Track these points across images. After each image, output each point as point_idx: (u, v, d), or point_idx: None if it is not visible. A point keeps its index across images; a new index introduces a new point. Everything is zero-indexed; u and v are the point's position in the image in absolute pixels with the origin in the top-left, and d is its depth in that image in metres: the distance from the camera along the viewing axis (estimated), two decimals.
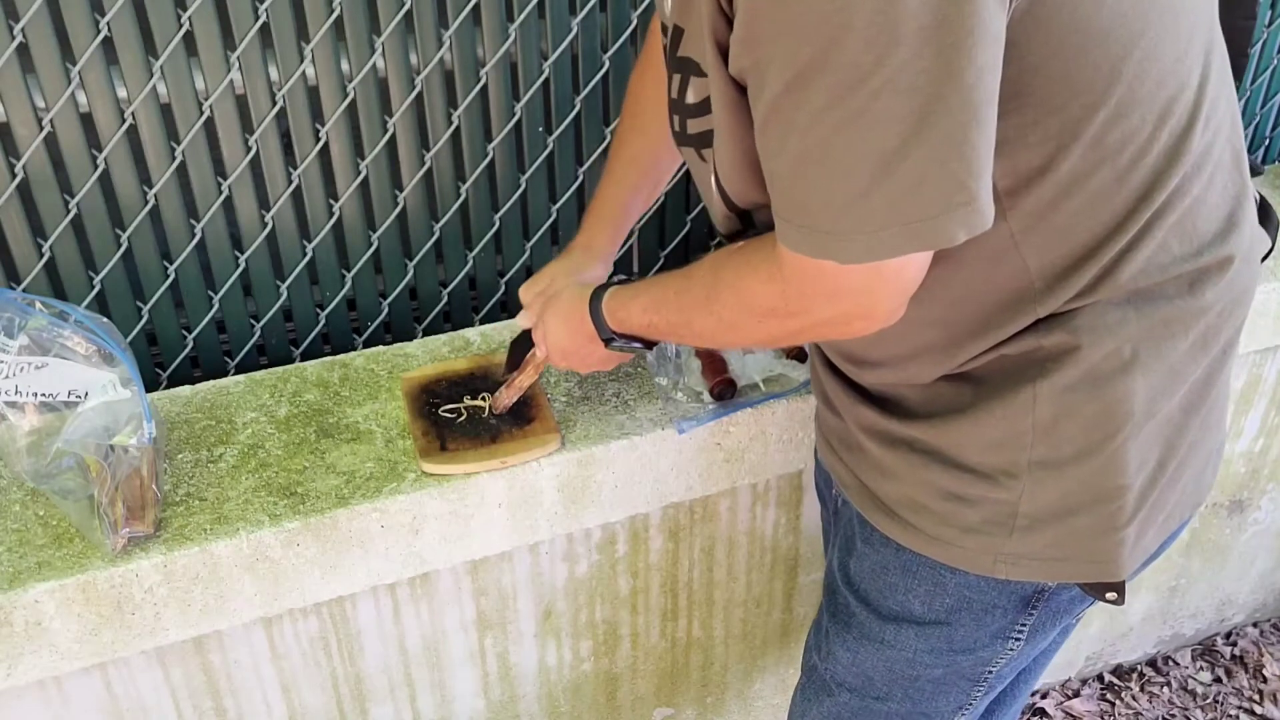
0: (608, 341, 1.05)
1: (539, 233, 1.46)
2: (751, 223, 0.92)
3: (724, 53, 0.76)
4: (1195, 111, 0.82)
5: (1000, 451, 0.89)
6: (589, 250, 1.20)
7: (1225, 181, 0.88)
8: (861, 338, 0.94)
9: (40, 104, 1.15)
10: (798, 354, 1.32)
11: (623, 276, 1.09)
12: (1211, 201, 0.86)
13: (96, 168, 1.20)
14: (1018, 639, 1.03)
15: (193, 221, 1.28)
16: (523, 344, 1.20)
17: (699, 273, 0.93)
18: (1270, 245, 0.97)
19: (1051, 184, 0.79)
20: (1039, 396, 0.86)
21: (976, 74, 0.67)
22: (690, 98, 0.87)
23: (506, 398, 1.20)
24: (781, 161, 0.74)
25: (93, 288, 1.27)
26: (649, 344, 1.06)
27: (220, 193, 1.26)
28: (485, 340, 1.37)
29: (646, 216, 1.22)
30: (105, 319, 1.12)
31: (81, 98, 1.16)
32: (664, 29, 0.91)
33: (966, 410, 0.90)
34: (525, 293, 1.21)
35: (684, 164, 1.24)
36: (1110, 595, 0.94)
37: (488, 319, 1.49)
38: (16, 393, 1.06)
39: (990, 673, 1.07)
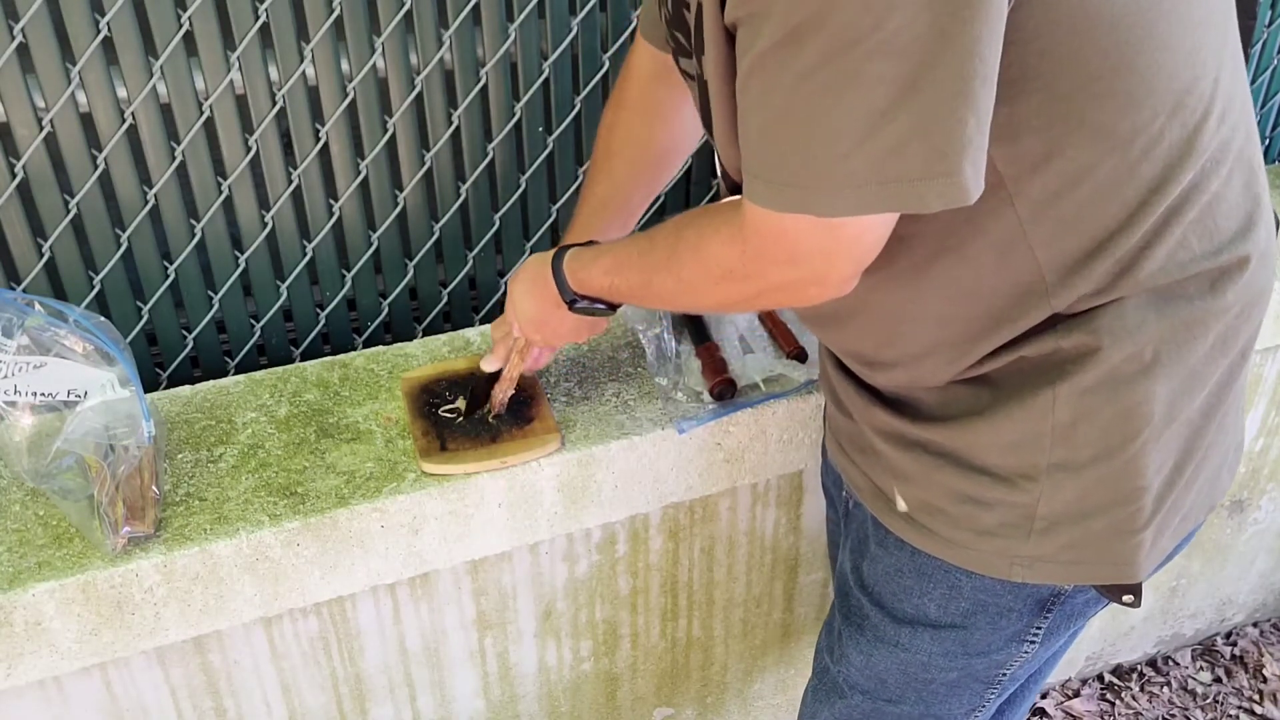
0: (571, 304, 1.04)
1: (539, 233, 1.46)
2: None
3: (722, 6, 0.76)
4: (1210, 106, 0.81)
5: (1018, 454, 0.89)
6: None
7: (1246, 179, 0.87)
8: (873, 337, 0.94)
9: (40, 104, 1.15)
10: (798, 354, 1.32)
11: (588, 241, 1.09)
12: (1232, 199, 0.86)
13: (96, 168, 1.20)
14: (1033, 642, 1.02)
15: (193, 221, 1.28)
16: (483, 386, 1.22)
17: (661, 234, 0.93)
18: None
19: (1058, 172, 0.78)
20: (1058, 399, 0.86)
21: (971, 46, 0.66)
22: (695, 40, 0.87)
23: (501, 393, 1.20)
24: (761, 116, 0.73)
25: (93, 288, 1.27)
26: (613, 307, 1.05)
27: (220, 193, 1.26)
28: (485, 340, 1.37)
29: (647, 216, 1.23)
30: (104, 319, 1.12)
31: (81, 98, 1.16)
32: None
33: (984, 412, 0.89)
34: (495, 330, 1.22)
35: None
36: (1127, 598, 0.94)
37: (488, 319, 1.49)
38: (15, 392, 1.06)
39: (1004, 675, 1.07)
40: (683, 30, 0.88)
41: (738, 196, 0.81)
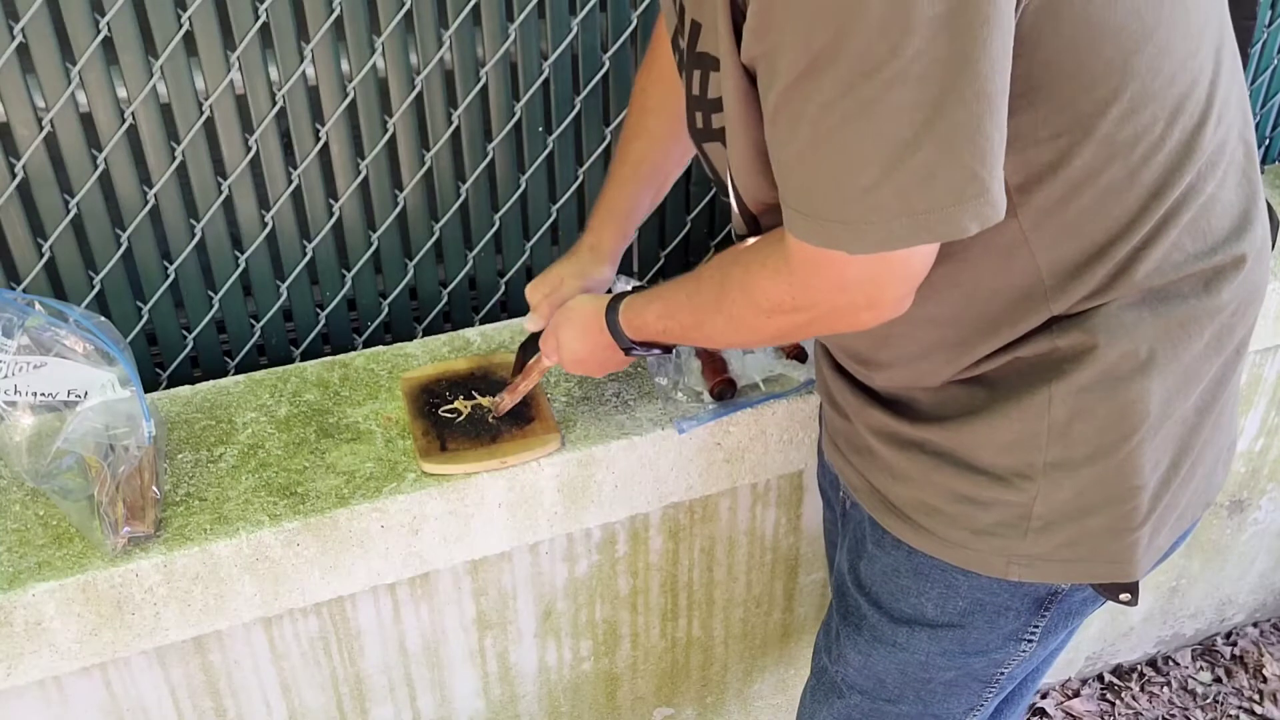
0: (627, 351, 1.06)
1: (539, 233, 1.46)
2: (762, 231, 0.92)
3: (738, 42, 0.76)
4: (1208, 108, 0.81)
5: (1014, 453, 0.89)
6: (596, 250, 1.20)
7: (1239, 179, 0.88)
8: (870, 337, 0.94)
9: (40, 104, 1.15)
10: (798, 354, 1.32)
11: (637, 284, 1.09)
12: (1226, 199, 0.86)
13: (96, 168, 1.20)
14: (1030, 640, 1.03)
15: (193, 221, 1.27)
16: (530, 347, 1.20)
17: (707, 274, 0.93)
18: (1271, 245, 0.97)
19: (1063, 180, 0.79)
20: (1054, 398, 0.86)
21: (990, 63, 0.66)
22: (710, 93, 0.87)
23: (508, 401, 1.20)
24: (791, 150, 0.73)
25: (93, 288, 1.27)
26: (667, 349, 1.06)
27: (220, 193, 1.26)
28: (485, 340, 1.37)
29: (647, 216, 1.23)
30: (104, 319, 1.12)
31: (81, 98, 1.16)
32: (680, 28, 0.90)
33: (980, 412, 0.89)
34: (533, 293, 1.21)
35: (689, 163, 1.24)
36: (1124, 596, 0.94)
37: (488, 319, 1.49)
38: (16, 392, 1.06)
39: (1002, 674, 1.07)
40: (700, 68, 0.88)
41: (777, 230, 0.80)
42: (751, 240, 0.89)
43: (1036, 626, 1.01)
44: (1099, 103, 0.76)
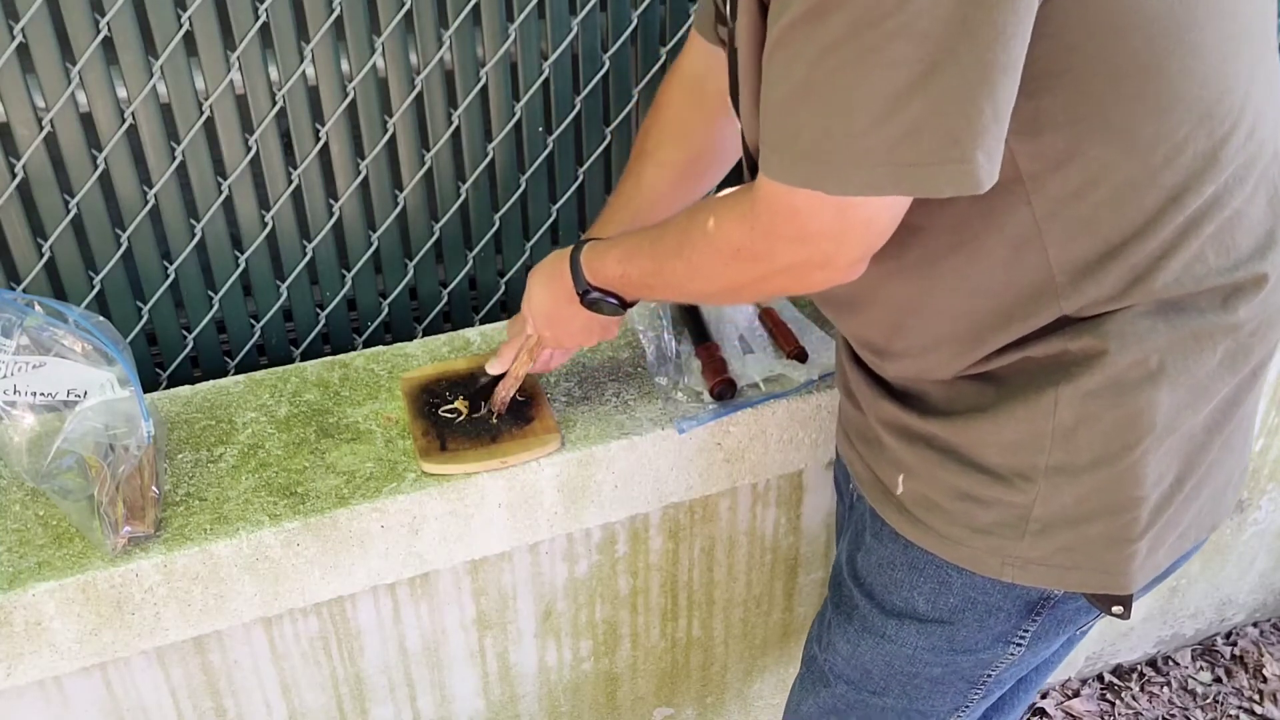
0: (584, 295, 1.04)
1: (539, 233, 1.46)
2: None
3: None
4: (1238, 119, 0.81)
5: (1018, 454, 0.89)
6: None
7: (1269, 198, 0.86)
8: (884, 326, 0.94)
9: (40, 104, 1.15)
10: (798, 354, 1.32)
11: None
12: (1253, 216, 0.85)
13: (96, 168, 1.20)
14: (1019, 644, 1.03)
15: (193, 221, 1.28)
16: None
17: (674, 221, 0.93)
18: None
19: (1078, 171, 0.78)
20: (1060, 400, 0.85)
21: (995, 35, 0.66)
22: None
23: (505, 391, 1.20)
24: (783, 88, 0.73)
25: (93, 288, 1.27)
26: (624, 305, 1.05)
27: (220, 193, 1.26)
28: (485, 340, 1.37)
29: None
30: (103, 319, 1.12)
31: (81, 98, 1.16)
32: None
33: (988, 410, 0.89)
34: (511, 328, 1.22)
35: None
36: (1116, 609, 0.94)
37: (488, 319, 1.49)
38: (15, 392, 1.06)
39: (989, 676, 1.07)
40: None
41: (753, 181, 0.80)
42: (728, 190, 0.89)
43: (1026, 630, 1.01)
44: (1122, 96, 0.75)
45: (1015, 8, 0.66)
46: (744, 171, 0.94)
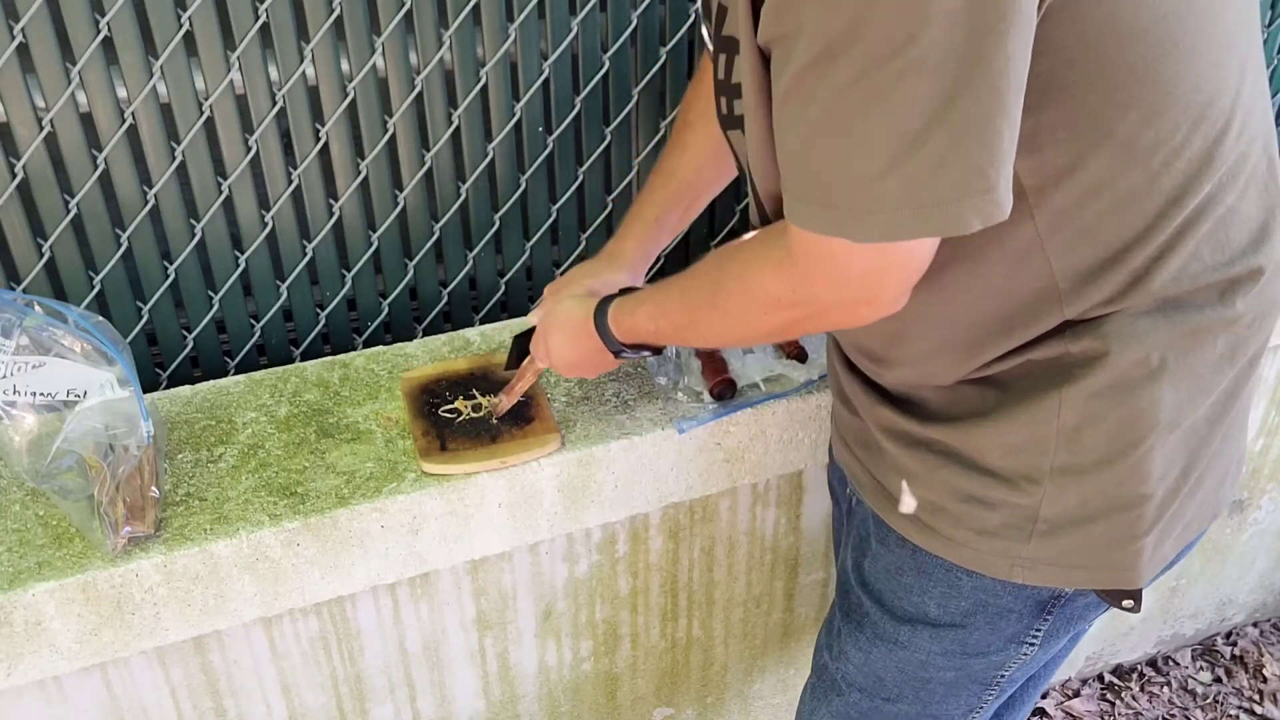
0: (616, 353, 1.05)
1: (539, 233, 1.46)
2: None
3: (756, 24, 0.76)
4: (1230, 118, 0.81)
5: (1022, 456, 0.89)
6: (613, 256, 1.20)
7: (1260, 192, 0.87)
8: (883, 334, 0.93)
9: (40, 104, 1.15)
10: (798, 354, 1.32)
11: (626, 286, 1.09)
12: (1245, 212, 0.86)
13: (96, 168, 1.20)
14: (1032, 644, 1.02)
15: (193, 221, 1.27)
16: (524, 339, 1.20)
17: (702, 270, 0.92)
18: None
19: (1080, 183, 0.78)
20: (1064, 402, 0.85)
21: (1006, 60, 0.66)
22: (734, 78, 0.87)
23: (505, 402, 1.20)
24: (798, 135, 0.73)
25: (93, 288, 1.27)
26: (657, 350, 1.06)
27: (220, 193, 1.26)
28: (485, 340, 1.37)
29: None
30: (103, 319, 1.12)
31: (81, 98, 1.16)
32: (708, 9, 0.90)
33: (989, 414, 0.89)
34: (547, 290, 1.22)
35: (727, 184, 1.24)
36: (1127, 603, 0.94)
37: (488, 319, 1.49)
38: (15, 392, 1.06)
39: (1003, 676, 1.07)
40: (725, 52, 0.88)
41: (776, 223, 0.80)
42: (749, 234, 0.88)
43: (1039, 630, 1.01)
44: (1120, 106, 0.75)
45: (1021, 29, 0.66)
46: (744, 182, 0.94)
